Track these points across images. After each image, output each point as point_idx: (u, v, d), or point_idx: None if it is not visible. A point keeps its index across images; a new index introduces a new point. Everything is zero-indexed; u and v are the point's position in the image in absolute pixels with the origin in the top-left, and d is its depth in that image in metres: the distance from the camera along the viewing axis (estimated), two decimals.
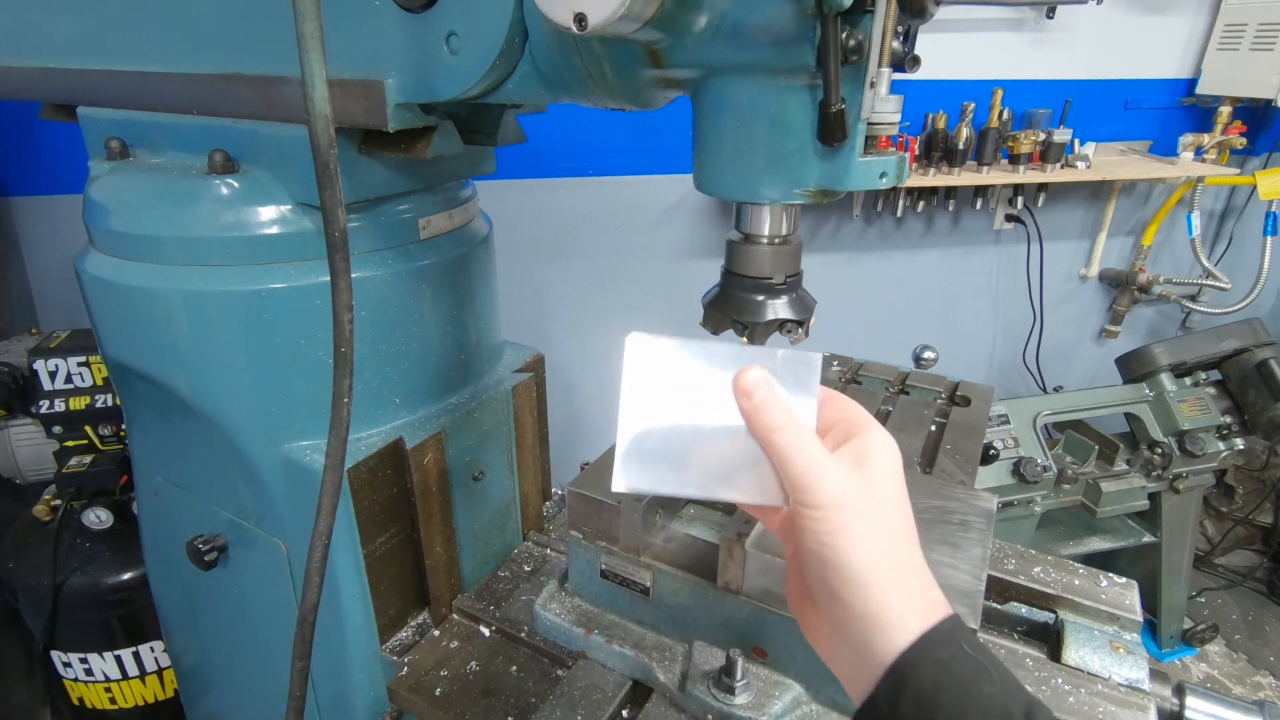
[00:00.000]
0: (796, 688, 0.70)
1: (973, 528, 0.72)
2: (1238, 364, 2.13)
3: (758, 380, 0.47)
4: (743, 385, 0.47)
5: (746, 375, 0.47)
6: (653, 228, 2.30)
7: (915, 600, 0.43)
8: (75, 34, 0.85)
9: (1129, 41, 2.31)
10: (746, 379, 0.47)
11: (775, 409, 0.46)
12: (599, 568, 0.78)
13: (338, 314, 0.54)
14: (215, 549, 0.89)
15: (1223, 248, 2.66)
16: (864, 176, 0.54)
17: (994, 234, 2.53)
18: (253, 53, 0.70)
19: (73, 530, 1.48)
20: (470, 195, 0.92)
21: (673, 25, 0.49)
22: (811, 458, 0.45)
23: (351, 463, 0.76)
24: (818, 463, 0.44)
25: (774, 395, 0.47)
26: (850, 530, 0.43)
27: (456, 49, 0.57)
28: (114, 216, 0.76)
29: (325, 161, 0.51)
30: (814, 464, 0.44)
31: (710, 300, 0.67)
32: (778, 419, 0.46)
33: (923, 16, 0.49)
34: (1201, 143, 2.30)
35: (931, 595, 0.44)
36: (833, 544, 0.43)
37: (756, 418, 0.46)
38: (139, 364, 0.81)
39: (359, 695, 0.87)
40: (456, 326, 0.88)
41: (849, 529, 0.43)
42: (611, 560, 0.76)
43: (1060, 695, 0.66)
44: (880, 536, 0.44)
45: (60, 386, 1.54)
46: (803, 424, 0.46)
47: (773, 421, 0.46)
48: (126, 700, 1.59)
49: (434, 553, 0.88)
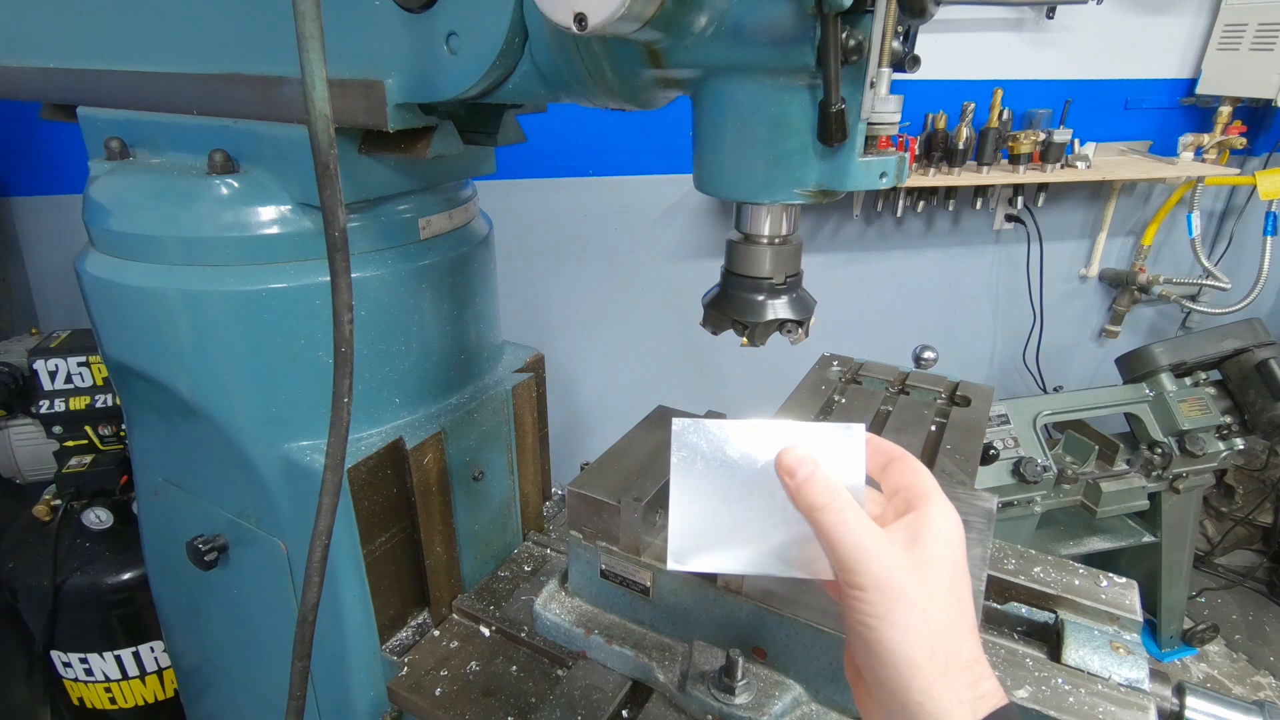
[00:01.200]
0: (796, 688, 0.70)
1: (973, 528, 0.72)
2: (1238, 364, 2.12)
3: (801, 457, 0.47)
4: (786, 464, 0.48)
5: (789, 454, 0.48)
6: (653, 228, 2.30)
7: (963, 693, 0.41)
8: (75, 34, 0.85)
9: (1129, 41, 2.31)
10: (789, 458, 0.47)
11: (820, 487, 0.46)
12: (599, 568, 0.78)
13: (338, 314, 0.54)
14: (215, 549, 0.89)
15: (1223, 248, 2.66)
16: (864, 176, 0.54)
17: (994, 234, 2.53)
18: (253, 53, 0.70)
19: (73, 530, 1.48)
20: (470, 195, 0.92)
21: (673, 25, 0.49)
22: (857, 537, 0.44)
23: (351, 463, 0.76)
24: (863, 542, 0.44)
25: (818, 473, 0.47)
26: (892, 616, 0.42)
27: (456, 49, 0.57)
28: (114, 216, 0.76)
29: (325, 161, 0.51)
30: (858, 543, 0.44)
31: (710, 300, 0.67)
32: (821, 497, 0.46)
33: (923, 16, 0.49)
34: (1201, 143, 2.30)
35: (984, 687, 0.42)
36: (875, 627, 0.42)
37: (801, 496, 0.47)
38: (139, 364, 0.81)
39: (359, 695, 0.87)
40: (456, 326, 0.88)
41: (890, 614, 0.42)
42: (611, 560, 0.76)
43: (1060, 695, 0.66)
44: (924, 626, 0.42)
45: (60, 386, 1.54)
46: (849, 500, 0.46)
47: (817, 500, 0.46)
48: (126, 700, 1.59)
49: (434, 553, 0.88)
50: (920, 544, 0.44)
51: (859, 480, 0.48)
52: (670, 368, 2.48)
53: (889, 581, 0.42)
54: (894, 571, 0.43)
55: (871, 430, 0.50)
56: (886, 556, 0.43)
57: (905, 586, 0.42)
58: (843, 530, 0.44)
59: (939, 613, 0.43)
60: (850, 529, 0.44)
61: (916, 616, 0.42)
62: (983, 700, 0.41)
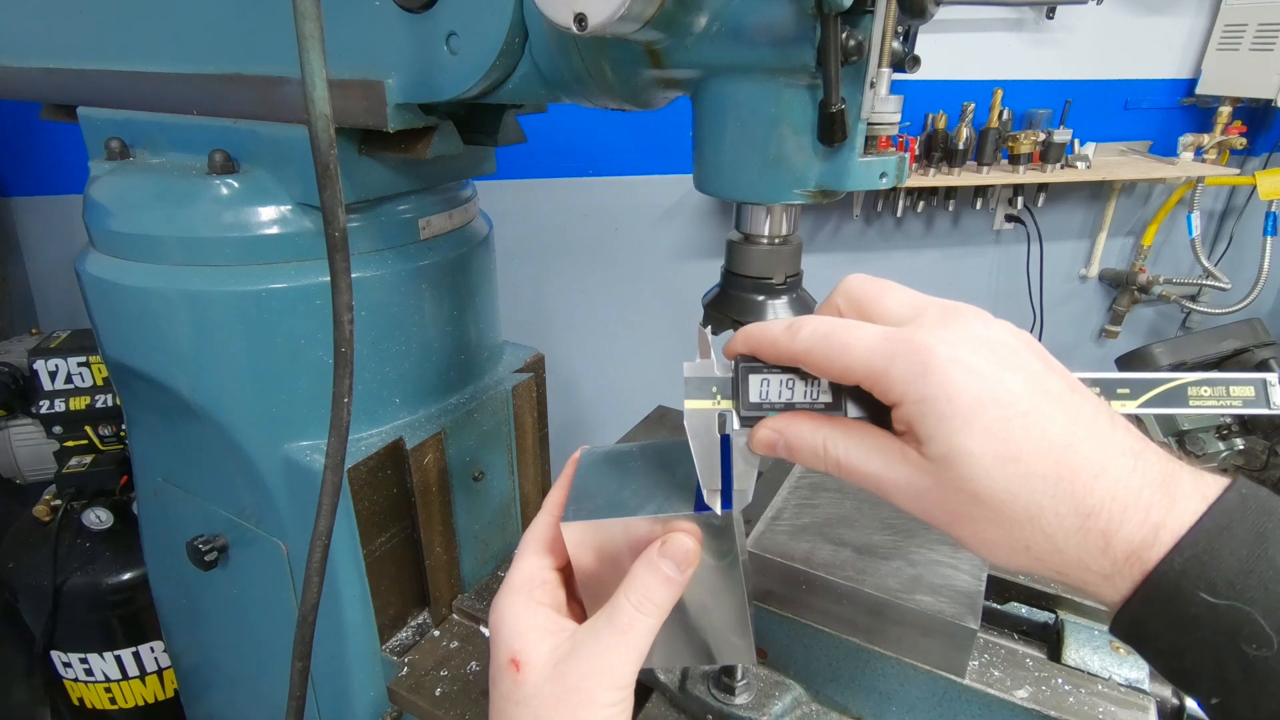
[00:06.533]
0: (796, 688, 0.70)
1: None
2: (1238, 364, 2.12)
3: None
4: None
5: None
6: (653, 228, 2.30)
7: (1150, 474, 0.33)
8: (75, 34, 0.85)
9: (1129, 42, 2.31)
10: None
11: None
12: None
13: (338, 314, 0.54)
14: (215, 549, 0.89)
15: (1223, 248, 2.66)
16: (864, 177, 0.54)
17: (994, 234, 2.53)
18: (253, 53, 0.70)
19: (73, 530, 1.48)
20: (470, 195, 0.92)
21: (673, 25, 0.49)
22: (860, 336, 0.36)
23: (351, 463, 0.76)
24: (874, 332, 0.36)
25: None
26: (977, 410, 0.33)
27: (456, 49, 0.57)
28: (114, 216, 0.76)
29: (325, 161, 0.51)
30: (871, 338, 0.36)
31: (710, 300, 0.67)
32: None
33: (923, 17, 0.48)
34: (1201, 143, 2.30)
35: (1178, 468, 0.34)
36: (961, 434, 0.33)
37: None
38: (139, 364, 0.81)
39: (359, 695, 0.87)
40: (456, 326, 0.88)
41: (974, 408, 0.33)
42: None
43: (1060, 695, 0.66)
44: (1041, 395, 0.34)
45: (60, 386, 1.54)
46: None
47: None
48: (126, 700, 1.59)
49: (434, 553, 0.88)
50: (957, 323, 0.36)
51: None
52: (670, 368, 2.47)
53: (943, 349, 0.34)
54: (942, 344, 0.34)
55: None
56: (925, 326, 0.36)
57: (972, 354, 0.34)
58: (836, 345, 0.37)
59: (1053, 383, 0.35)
60: (843, 333, 0.37)
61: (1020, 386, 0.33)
62: (1197, 478, 0.33)
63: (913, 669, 0.65)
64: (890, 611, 0.64)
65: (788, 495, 0.78)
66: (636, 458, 0.51)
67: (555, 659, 0.42)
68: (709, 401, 0.43)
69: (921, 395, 0.34)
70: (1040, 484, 0.33)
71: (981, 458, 0.33)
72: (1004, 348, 0.35)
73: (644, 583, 0.42)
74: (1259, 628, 0.30)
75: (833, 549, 0.69)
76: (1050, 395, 0.34)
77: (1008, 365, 0.34)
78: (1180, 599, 0.31)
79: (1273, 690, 0.30)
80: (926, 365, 0.34)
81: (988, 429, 0.33)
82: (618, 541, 0.45)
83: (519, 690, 0.42)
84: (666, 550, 0.43)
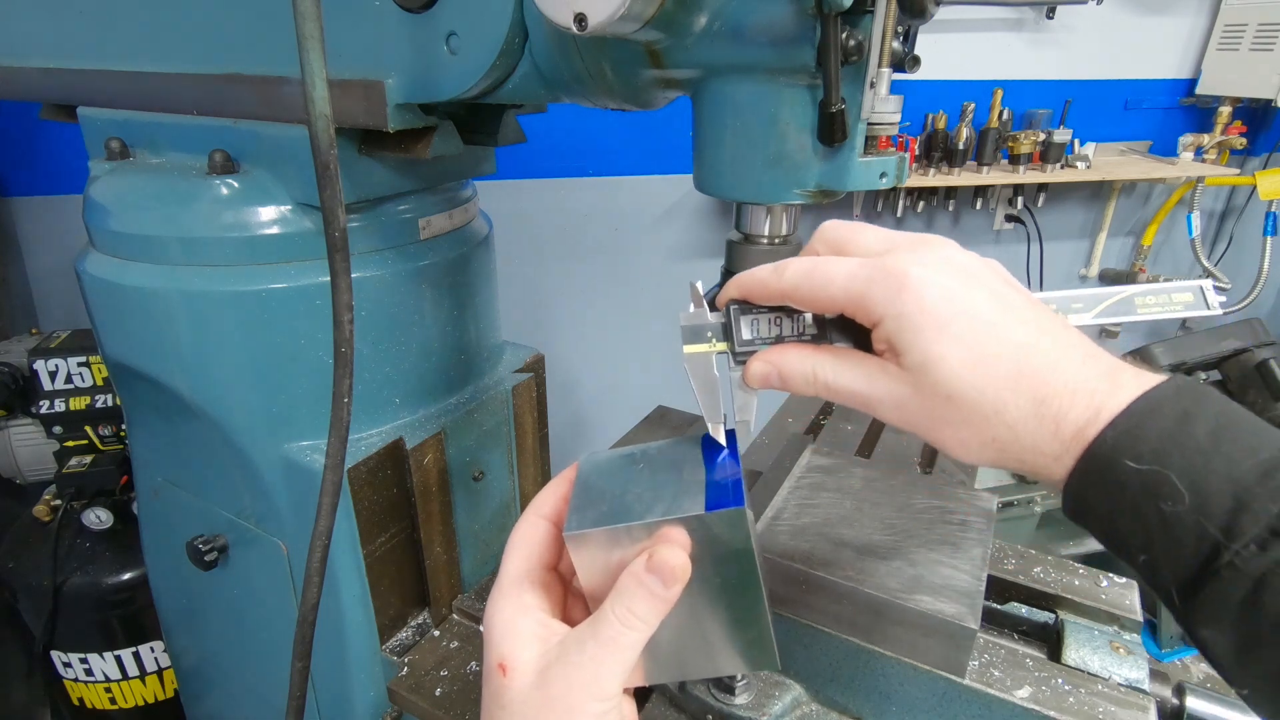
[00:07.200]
0: (796, 688, 0.70)
1: (973, 528, 0.72)
2: (1238, 364, 2.12)
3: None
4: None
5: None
6: (653, 228, 2.30)
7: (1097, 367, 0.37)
8: (75, 34, 0.85)
9: (1129, 42, 2.31)
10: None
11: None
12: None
13: (338, 314, 0.54)
14: (215, 549, 0.89)
15: (1223, 248, 2.66)
16: (864, 177, 0.54)
17: (994, 234, 2.53)
18: (253, 53, 0.70)
19: (73, 530, 1.48)
20: (470, 195, 0.92)
21: (673, 25, 0.49)
22: (841, 266, 0.41)
23: (351, 463, 0.76)
24: (854, 264, 0.40)
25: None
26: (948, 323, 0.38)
27: (456, 49, 0.57)
28: (114, 217, 0.76)
29: (325, 161, 0.51)
30: (849, 268, 0.40)
31: (710, 300, 0.67)
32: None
33: (923, 17, 0.48)
34: (1201, 143, 2.30)
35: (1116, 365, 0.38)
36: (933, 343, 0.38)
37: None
38: (139, 364, 0.81)
39: (359, 695, 0.87)
40: (456, 326, 0.88)
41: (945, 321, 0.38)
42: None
43: (1060, 695, 0.66)
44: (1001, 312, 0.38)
45: (60, 386, 1.54)
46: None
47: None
48: (126, 700, 1.59)
49: (434, 553, 0.88)
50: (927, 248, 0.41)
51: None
52: (670, 368, 2.48)
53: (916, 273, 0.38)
54: (913, 265, 0.39)
55: (870, 432, 0.49)
56: (901, 252, 0.40)
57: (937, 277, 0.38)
58: (821, 275, 0.41)
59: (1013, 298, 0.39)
60: (825, 266, 0.41)
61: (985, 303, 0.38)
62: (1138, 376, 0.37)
63: (913, 669, 0.65)
64: (890, 611, 0.64)
65: (788, 495, 0.78)
66: (639, 460, 0.49)
67: (541, 665, 0.42)
68: (705, 345, 0.47)
69: (899, 311, 0.38)
70: (1004, 381, 0.37)
71: (953, 361, 0.37)
72: (969, 269, 0.40)
73: (629, 597, 0.41)
74: (1173, 487, 0.34)
75: (833, 549, 0.69)
76: (1011, 308, 0.39)
77: (973, 283, 0.39)
78: (1112, 469, 0.35)
79: (1186, 541, 0.34)
80: (901, 285, 0.38)
81: (958, 336, 0.37)
82: (625, 549, 0.43)
83: (504, 694, 0.42)
84: (652, 565, 0.41)
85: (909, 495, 0.75)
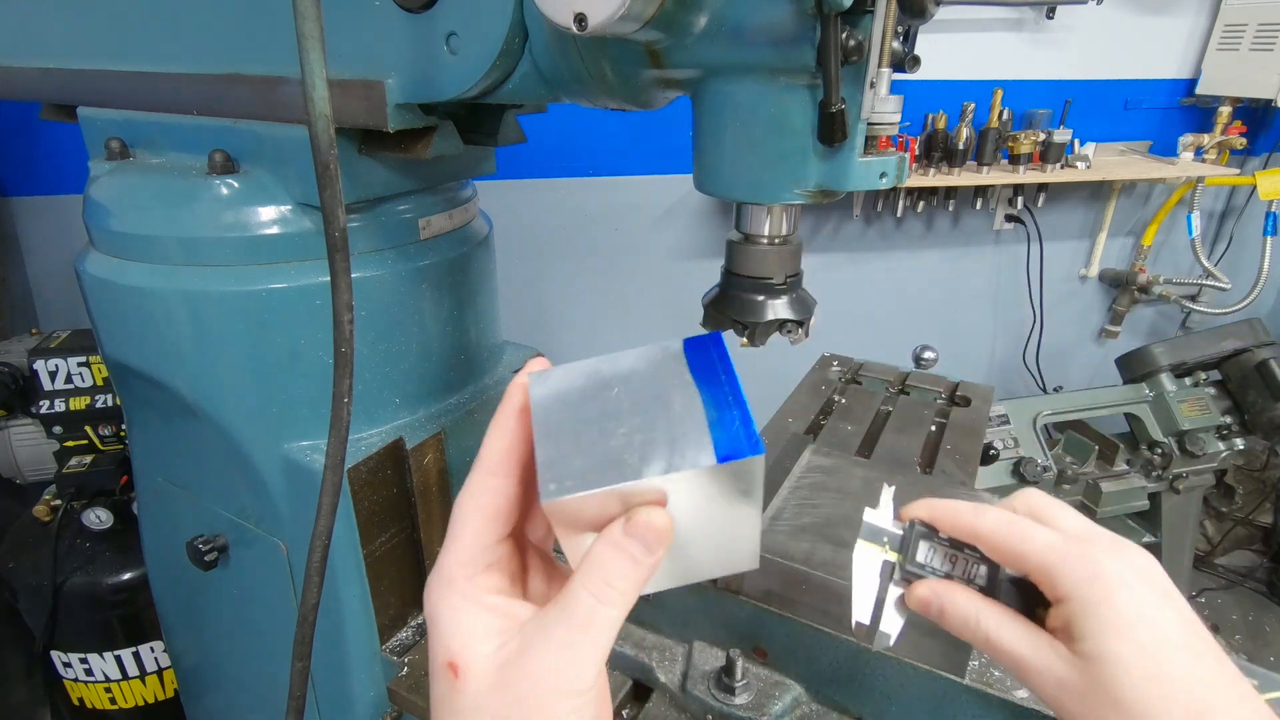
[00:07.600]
0: (796, 688, 0.70)
1: None
2: (1238, 364, 2.12)
3: (925, 597, 0.47)
4: (920, 598, 0.47)
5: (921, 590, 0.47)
6: (653, 228, 2.30)
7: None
8: (75, 34, 0.85)
9: (1129, 42, 2.31)
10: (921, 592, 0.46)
11: (960, 598, 0.46)
12: None
13: (338, 314, 0.54)
14: (215, 549, 0.89)
15: (1223, 248, 2.66)
16: (864, 177, 0.54)
17: (994, 234, 2.53)
18: (253, 53, 0.70)
19: (73, 530, 1.48)
20: (470, 195, 0.92)
21: (673, 25, 0.49)
22: (1041, 538, 0.43)
23: (351, 463, 0.76)
24: (1049, 538, 0.43)
25: (949, 594, 0.46)
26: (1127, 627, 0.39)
27: (456, 49, 0.57)
28: (114, 217, 0.76)
29: (325, 161, 0.51)
30: (1048, 542, 0.43)
31: (710, 300, 0.67)
32: (966, 603, 0.46)
33: (923, 17, 0.49)
34: (1201, 143, 2.30)
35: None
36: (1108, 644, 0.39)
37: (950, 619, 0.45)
38: (139, 364, 0.81)
39: (359, 695, 0.87)
40: (456, 326, 0.88)
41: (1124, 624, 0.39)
42: None
43: None
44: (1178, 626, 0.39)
45: (60, 386, 1.54)
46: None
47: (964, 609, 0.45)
48: (126, 700, 1.59)
49: (434, 553, 0.87)
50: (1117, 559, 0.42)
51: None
52: None
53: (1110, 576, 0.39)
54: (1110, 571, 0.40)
55: (870, 432, 0.50)
56: (1092, 552, 0.41)
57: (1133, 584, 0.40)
58: (1025, 540, 0.42)
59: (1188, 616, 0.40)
60: (1026, 526, 0.43)
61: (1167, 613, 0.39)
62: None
63: (913, 669, 0.65)
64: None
65: (788, 495, 0.78)
66: (611, 382, 0.38)
67: (500, 661, 0.35)
68: (878, 547, 0.49)
69: (1086, 596, 0.39)
70: (1179, 711, 0.37)
71: (1131, 667, 0.38)
72: (1166, 589, 0.41)
73: (606, 567, 0.34)
74: None
75: (833, 549, 0.69)
76: (1200, 636, 0.39)
77: (1167, 600, 0.40)
78: None
79: None
80: (1096, 574, 0.39)
81: (1142, 644, 0.38)
82: (616, 512, 0.35)
83: (457, 699, 0.35)
84: (633, 528, 0.34)
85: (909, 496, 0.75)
